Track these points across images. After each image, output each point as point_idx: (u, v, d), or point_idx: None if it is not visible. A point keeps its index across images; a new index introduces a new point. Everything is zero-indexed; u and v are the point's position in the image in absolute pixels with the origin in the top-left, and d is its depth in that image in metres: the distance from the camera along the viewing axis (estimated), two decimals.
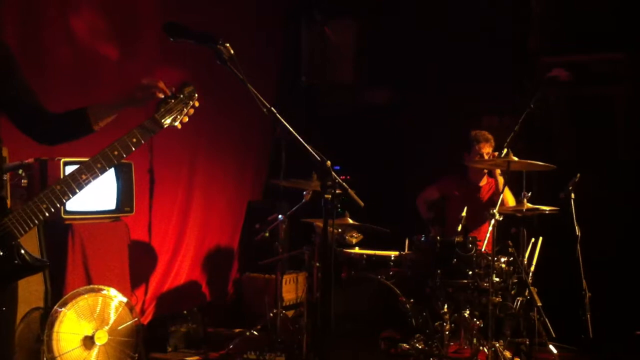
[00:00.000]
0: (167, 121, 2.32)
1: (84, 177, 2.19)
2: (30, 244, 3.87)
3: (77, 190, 2.20)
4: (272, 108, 2.40)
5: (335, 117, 6.52)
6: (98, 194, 4.33)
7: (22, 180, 3.89)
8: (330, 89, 6.67)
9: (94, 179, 2.22)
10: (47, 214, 2.15)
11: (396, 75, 6.36)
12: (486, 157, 4.80)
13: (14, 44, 3.90)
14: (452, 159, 5.22)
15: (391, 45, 6.34)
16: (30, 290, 3.85)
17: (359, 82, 6.58)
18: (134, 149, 2.27)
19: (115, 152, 2.23)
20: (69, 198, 2.19)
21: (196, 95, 2.37)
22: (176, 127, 2.36)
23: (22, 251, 2.16)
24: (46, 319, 3.80)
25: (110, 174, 4.40)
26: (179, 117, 2.34)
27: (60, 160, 3.99)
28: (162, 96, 2.32)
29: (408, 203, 5.39)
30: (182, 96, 2.34)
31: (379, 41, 6.45)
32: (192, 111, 2.37)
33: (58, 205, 2.18)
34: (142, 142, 2.29)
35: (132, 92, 2.34)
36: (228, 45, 2.25)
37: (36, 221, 2.14)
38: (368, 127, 6.38)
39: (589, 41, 5.54)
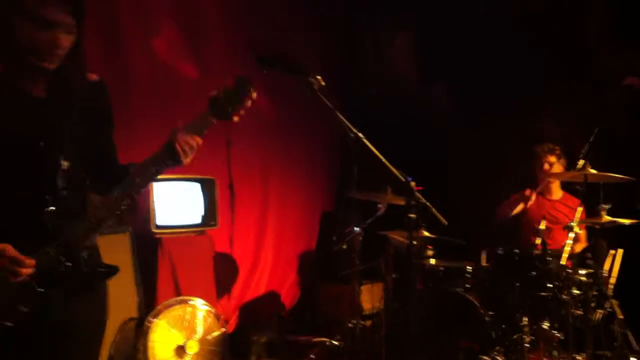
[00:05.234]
0: (218, 116, 2.21)
1: (137, 180, 2.16)
2: (124, 258, 4.12)
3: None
4: (359, 133, 2.53)
5: (392, 123, 6.50)
6: (185, 209, 4.56)
7: None
8: (388, 95, 6.71)
9: (145, 184, 2.18)
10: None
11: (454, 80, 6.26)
12: (548, 167, 4.90)
13: (96, 56, 4.14)
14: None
15: (448, 51, 6.22)
16: (126, 301, 4.10)
17: (415, 88, 6.61)
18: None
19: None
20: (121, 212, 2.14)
21: (250, 87, 2.21)
22: (232, 121, 2.22)
23: (86, 257, 2.10)
24: (140, 328, 4.03)
25: (197, 190, 4.62)
26: (231, 110, 2.20)
27: None
28: (215, 93, 2.21)
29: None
30: (233, 90, 2.20)
31: (436, 47, 6.37)
32: (249, 104, 2.22)
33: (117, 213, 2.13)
34: None
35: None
36: (319, 77, 2.39)
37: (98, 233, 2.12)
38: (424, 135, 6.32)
39: None
